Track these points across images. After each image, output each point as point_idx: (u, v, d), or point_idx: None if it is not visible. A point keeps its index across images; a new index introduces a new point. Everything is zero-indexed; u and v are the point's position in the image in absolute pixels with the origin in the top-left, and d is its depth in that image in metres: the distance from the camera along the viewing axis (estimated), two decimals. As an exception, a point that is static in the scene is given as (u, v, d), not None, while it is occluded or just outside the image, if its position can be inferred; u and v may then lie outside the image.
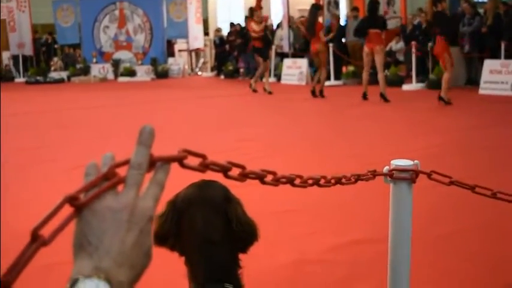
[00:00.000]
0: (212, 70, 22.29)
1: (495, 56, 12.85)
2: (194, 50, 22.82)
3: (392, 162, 1.81)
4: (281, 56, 17.85)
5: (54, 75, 20.44)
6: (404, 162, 1.80)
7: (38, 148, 7.51)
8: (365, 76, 11.84)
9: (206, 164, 0.94)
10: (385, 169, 1.79)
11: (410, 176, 1.78)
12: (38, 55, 21.93)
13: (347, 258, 3.52)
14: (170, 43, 22.49)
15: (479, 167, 5.71)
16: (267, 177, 1.26)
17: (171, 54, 22.34)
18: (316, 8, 12.63)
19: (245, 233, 1.62)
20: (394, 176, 1.78)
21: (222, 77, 20.10)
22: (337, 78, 15.83)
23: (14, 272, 0.63)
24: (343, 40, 16.37)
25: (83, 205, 0.69)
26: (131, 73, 20.34)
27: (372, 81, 11.97)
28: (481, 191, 1.91)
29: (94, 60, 21.06)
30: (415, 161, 1.80)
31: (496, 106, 10.41)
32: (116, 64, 20.73)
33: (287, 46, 17.55)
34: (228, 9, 26.03)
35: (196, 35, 22.12)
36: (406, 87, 13.83)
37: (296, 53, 17.36)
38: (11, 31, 20.90)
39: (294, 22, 17.26)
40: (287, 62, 17.09)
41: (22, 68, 20.94)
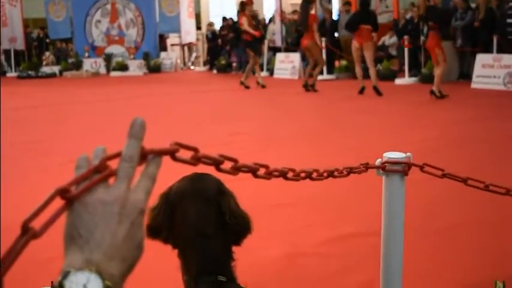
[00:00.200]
0: (205, 64, 22.25)
1: (487, 50, 12.86)
2: (186, 45, 22.77)
3: (384, 154, 1.81)
4: (274, 51, 17.83)
5: (46, 69, 20.35)
6: (396, 154, 1.80)
7: (31, 142, 7.48)
8: (358, 71, 11.84)
9: (198, 157, 0.94)
10: (378, 162, 1.79)
11: (402, 169, 1.78)
12: (30, 50, 21.83)
13: (340, 251, 3.53)
14: (162, 37, 22.42)
15: (475, 160, 5.72)
16: (260, 170, 1.26)
17: (164, 48, 22.28)
18: (307, 2, 12.58)
19: (238, 226, 1.62)
20: (387, 169, 1.78)
21: (215, 72, 20.06)
22: (329, 72, 15.84)
23: (5, 265, 0.63)
24: (335, 34, 16.37)
25: (74, 197, 0.68)
26: (123, 67, 20.27)
27: (364, 76, 11.95)
28: (474, 184, 1.90)
29: (86, 54, 20.96)
30: (408, 154, 1.80)
31: (489, 100, 10.44)
32: (108, 58, 20.64)
33: (279, 40, 17.53)
34: (220, 3, 26.00)
35: (188, 30, 22.07)
36: (399, 81, 13.86)
37: (289, 48, 17.34)
38: (3, 26, 20.74)
39: (286, 17, 17.24)
40: (280, 57, 17.08)
41: (14, 63, 20.82)
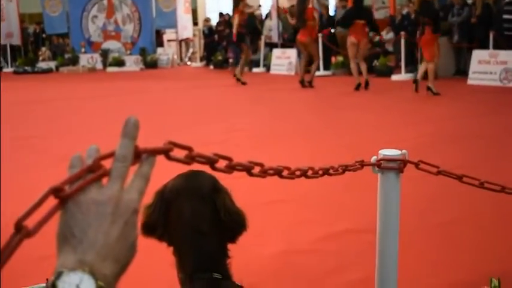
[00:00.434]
0: (201, 60, 22.23)
1: (484, 47, 12.88)
2: (183, 40, 22.74)
3: (380, 152, 1.81)
4: (270, 46, 17.82)
5: (42, 65, 20.32)
6: (392, 152, 1.80)
7: (27, 138, 7.45)
8: (353, 67, 11.80)
9: (192, 156, 0.94)
10: (373, 159, 1.79)
11: (398, 166, 1.78)
12: (26, 45, 21.79)
13: (335, 248, 3.53)
14: (159, 33, 22.40)
15: (471, 156, 5.74)
16: (255, 168, 1.25)
17: (160, 44, 22.26)
18: None
19: (233, 223, 1.62)
20: (382, 166, 1.78)
21: (211, 67, 20.05)
22: (326, 68, 15.84)
23: (-1, 263, 0.63)
24: (332, 30, 16.36)
25: (68, 197, 0.68)
26: (120, 63, 20.24)
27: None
28: (469, 181, 1.90)
29: (82, 50, 20.93)
30: (403, 151, 1.80)
31: (485, 96, 10.45)
32: (105, 54, 20.61)
33: (276, 36, 17.51)
34: (217, -1, 25.95)
35: (185, 25, 22.05)
36: (395, 77, 13.86)
37: (285, 43, 17.33)
38: (-1, 21, 20.73)
39: (281, 11, 17.18)
40: (276, 52, 17.07)
41: (10, 58, 20.77)
